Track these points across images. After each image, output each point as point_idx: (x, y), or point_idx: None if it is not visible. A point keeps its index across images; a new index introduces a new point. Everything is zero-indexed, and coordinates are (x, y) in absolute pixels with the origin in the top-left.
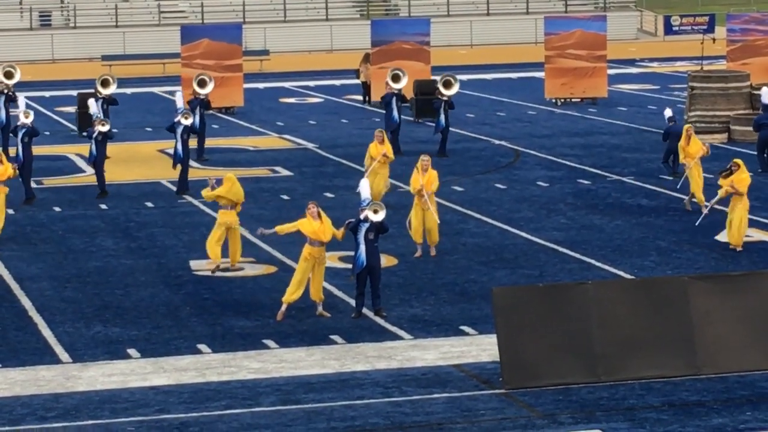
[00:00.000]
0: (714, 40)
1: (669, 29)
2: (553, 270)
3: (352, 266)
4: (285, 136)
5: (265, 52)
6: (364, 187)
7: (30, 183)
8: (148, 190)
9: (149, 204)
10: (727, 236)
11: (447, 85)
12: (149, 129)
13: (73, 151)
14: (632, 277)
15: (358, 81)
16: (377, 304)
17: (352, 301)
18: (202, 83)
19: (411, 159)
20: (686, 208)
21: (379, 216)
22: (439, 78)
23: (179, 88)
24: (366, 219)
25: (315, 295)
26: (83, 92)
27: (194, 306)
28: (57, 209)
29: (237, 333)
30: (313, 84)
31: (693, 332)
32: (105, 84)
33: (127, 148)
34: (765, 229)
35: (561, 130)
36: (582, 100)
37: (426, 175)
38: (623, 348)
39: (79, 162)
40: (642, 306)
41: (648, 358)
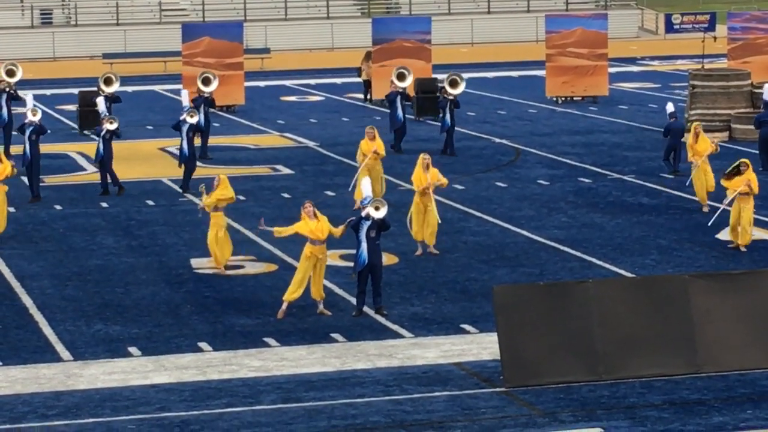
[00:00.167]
0: (715, 39)
1: (670, 27)
2: (554, 268)
3: (354, 264)
4: (286, 135)
5: (266, 50)
6: (365, 186)
7: (38, 181)
8: (149, 189)
9: (150, 202)
10: (734, 236)
11: (453, 84)
12: (150, 127)
13: (75, 150)
14: (633, 276)
15: (360, 79)
16: (378, 303)
17: (353, 300)
18: (207, 81)
19: (411, 157)
20: (703, 210)
21: (381, 213)
22: (446, 77)
23: (181, 87)
24: (367, 216)
25: (316, 294)
26: (84, 90)
27: (195, 304)
28: (58, 207)
29: (238, 331)
30: (314, 82)
31: (694, 331)
32: (108, 82)
33: (129, 147)
34: (765, 228)
35: (562, 129)
36: (583, 99)
37: (428, 173)
38: (624, 346)
39: (81, 160)
40: (643, 304)
41: (649, 357)
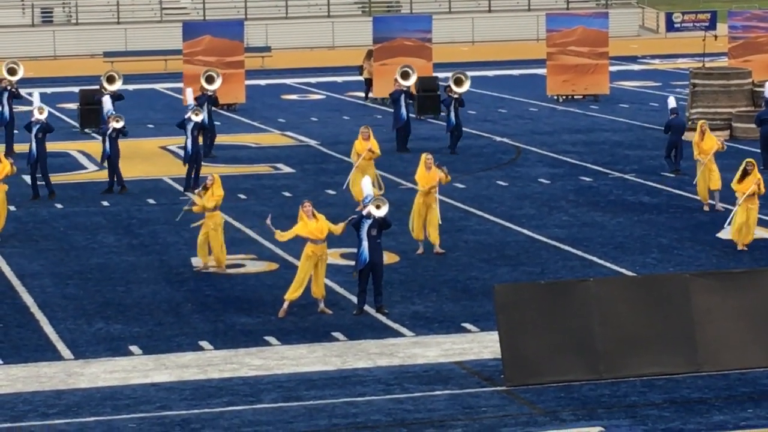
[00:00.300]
0: (716, 37)
1: (671, 26)
2: (555, 267)
3: (355, 263)
4: (287, 133)
5: (267, 49)
6: (366, 184)
7: (48, 178)
8: (150, 187)
9: (151, 201)
10: (740, 235)
11: (458, 83)
12: (151, 126)
13: (75, 148)
14: (634, 275)
15: (362, 78)
16: (379, 301)
17: (354, 298)
18: (210, 79)
19: (413, 156)
20: (716, 209)
21: (382, 211)
22: (451, 75)
23: (182, 85)
24: (369, 215)
25: (317, 292)
26: (85, 89)
27: (196, 303)
28: (59, 206)
29: (239, 330)
30: (315, 81)
31: (694, 329)
32: (111, 80)
33: (129, 145)
34: (766, 227)
35: (563, 127)
36: (584, 97)
37: (431, 173)
38: (625, 345)
39: (81, 159)
40: (643, 303)
41: (649, 356)
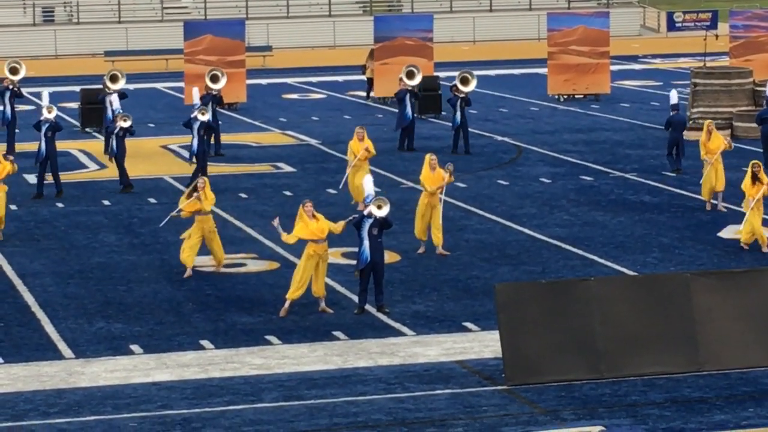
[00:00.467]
0: (717, 37)
1: (672, 25)
2: (556, 266)
3: (356, 262)
4: (288, 132)
5: (268, 48)
6: (368, 183)
7: (58, 177)
8: (151, 186)
9: (152, 200)
10: (749, 235)
11: (464, 82)
12: (152, 125)
13: (76, 147)
14: (635, 274)
15: (364, 77)
16: (380, 301)
17: (355, 297)
18: (215, 78)
19: (414, 155)
20: (718, 209)
21: (383, 211)
22: (457, 74)
23: (183, 84)
24: (370, 215)
25: (318, 292)
26: (86, 88)
27: (197, 302)
28: (60, 205)
29: (240, 329)
30: (316, 80)
31: (695, 329)
32: (114, 79)
33: (130, 144)
34: (766, 226)
35: (564, 127)
36: (585, 97)
37: (435, 173)
38: (626, 344)
39: (82, 158)
40: (644, 303)
41: (650, 355)
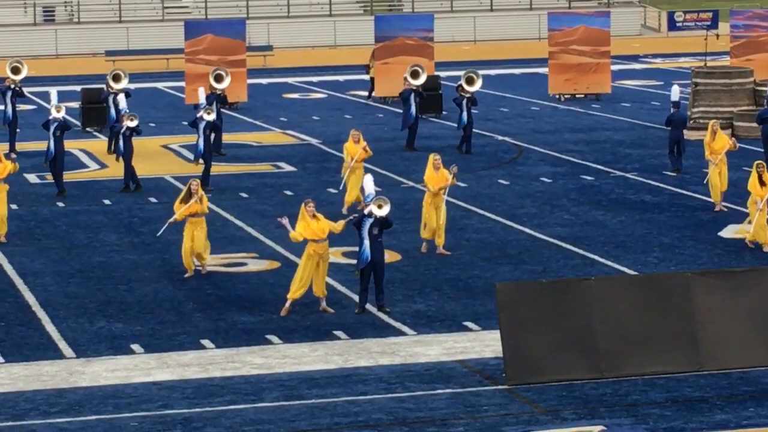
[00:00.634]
0: (717, 36)
1: (672, 25)
2: (557, 266)
3: (357, 261)
4: (288, 132)
5: (269, 48)
6: (368, 183)
7: (62, 176)
8: (152, 186)
9: (152, 199)
10: (763, 236)
11: (470, 82)
12: (152, 124)
13: (77, 147)
14: (635, 273)
15: (368, 76)
16: (381, 300)
17: (356, 297)
18: (219, 78)
19: (415, 155)
20: (715, 210)
21: (384, 211)
22: (462, 74)
23: (183, 84)
24: (370, 214)
25: (318, 291)
26: (87, 87)
27: (197, 301)
28: (60, 204)
29: (240, 328)
30: (317, 80)
31: (696, 328)
32: (117, 78)
33: None
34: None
35: (564, 126)
36: (585, 96)
37: (439, 174)
38: (626, 344)
39: (83, 157)
40: (645, 302)
41: (651, 355)
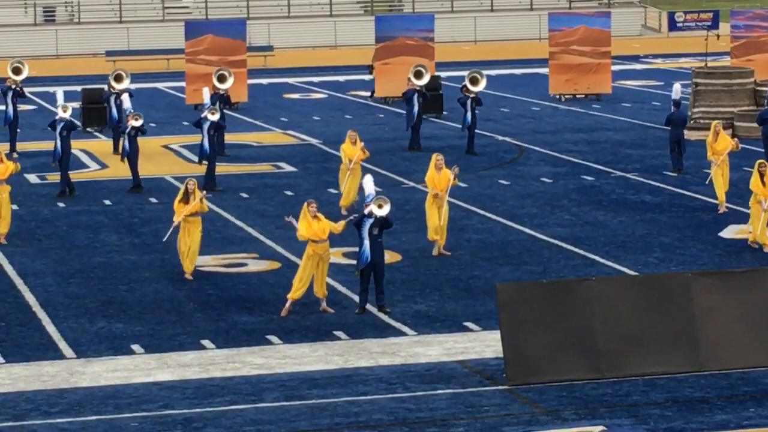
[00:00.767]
0: (718, 37)
1: (673, 25)
2: (557, 266)
3: (357, 262)
4: (289, 132)
5: (269, 48)
6: (368, 183)
7: (67, 176)
8: (152, 186)
9: (153, 200)
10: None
11: (474, 82)
12: (153, 125)
13: (78, 147)
14: (636, 274)
15: (371, 77)
16: (381, 300)
17: (356, 297)
18: (222, 78)
19: (416, 155)
20: (719, 211)
21: (384, 211)
22: (467, 74)
23: (184, 84)
24: (370, 214)
25: (318, 291)
26: (87, 87)
27: (198, 302)
28: (61, 205)
29: (241, 329)
30: (317, 80)
31: (696, 329)
32: (118, 79)
33: None
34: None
35: (565, 126)
36: (586, 96)
37: (441, 174)
38: (627, 344)
39: (83, 157)
40: (645, 302)
41: (651, 355)
